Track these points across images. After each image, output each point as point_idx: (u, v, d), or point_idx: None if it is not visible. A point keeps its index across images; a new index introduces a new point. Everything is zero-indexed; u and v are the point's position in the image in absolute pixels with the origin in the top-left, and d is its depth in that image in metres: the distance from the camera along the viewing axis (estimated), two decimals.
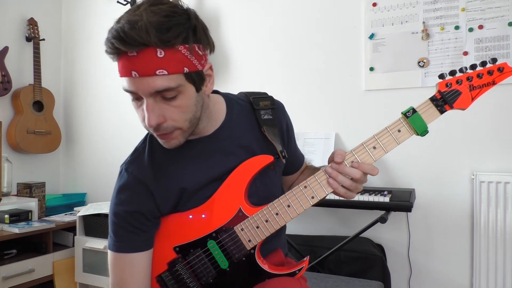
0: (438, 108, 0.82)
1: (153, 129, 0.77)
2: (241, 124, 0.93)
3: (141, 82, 0.73)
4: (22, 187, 2.57)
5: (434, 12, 1.94)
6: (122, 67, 0.74)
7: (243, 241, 0.86)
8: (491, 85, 0.81)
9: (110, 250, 0.86)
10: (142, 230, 0.85)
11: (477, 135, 1.85)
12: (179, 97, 0.76)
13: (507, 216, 1.73)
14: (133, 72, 0.72)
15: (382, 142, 0.83)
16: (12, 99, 2.66)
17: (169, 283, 0.88)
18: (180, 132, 0.80)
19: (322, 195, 0.85)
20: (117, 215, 0.86)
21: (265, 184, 0.94)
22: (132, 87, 0.74)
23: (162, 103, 0.75)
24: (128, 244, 0.85)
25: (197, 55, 0.76)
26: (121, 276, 0.85)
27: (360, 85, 2.10)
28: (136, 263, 0.85)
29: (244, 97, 0.98)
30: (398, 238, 2.00)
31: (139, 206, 0.85)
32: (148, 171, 0.87)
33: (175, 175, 0.87)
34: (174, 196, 0.87)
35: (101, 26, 2.90)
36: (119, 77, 0.77)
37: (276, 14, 2.30)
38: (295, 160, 1.08)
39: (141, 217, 0.85)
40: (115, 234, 0.86)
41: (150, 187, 0.85)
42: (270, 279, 0.86)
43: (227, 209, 0.87)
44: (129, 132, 2.70)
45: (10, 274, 2.14)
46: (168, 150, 0.86)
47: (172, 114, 0.76)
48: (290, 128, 1.03)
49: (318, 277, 1.67)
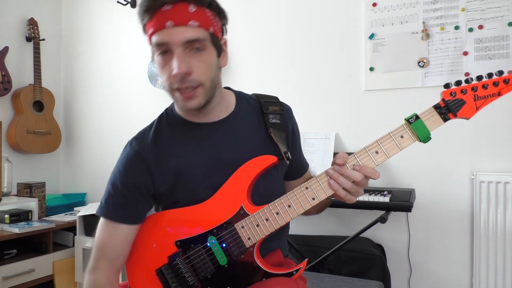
0: (442, 116, 0.82)
1: (179, 81, 0.81)
2: (248, 120, 0.97)
3: (174, 32, 0.79)
4: (22, 187, 2.57)
5: (434, 12, 1.94)
6: (157, 21, 0.80)
7: (243, 239, 0.87)
8: (496, 96, 0.81)
9: (98, 214, 0.93)
10: (133, 204, 0.91)
11: (477, 135, 1.85)
12: (205, 53, 0.83)
13: (507, 216, 1.73)
14: (168, 22, 0.79)
15: (385, 147, 0.84)
16: (12, 99, 2.66)
17: (168, 276, 0.90)
18: (202, 91, 0.84)
19: (323, 196, 0.86)
20: (113, 184, 0.92)
21: (268, 184, 0.95)
22: (166, 38, 0.80)
23: (190, 56, 0.81)
24: (115, 213, 0.91)
25: (217, 24, 0.87)
26: (103, 240, 0.92)
27: (360, 85, 2.10)
28: (119, 232, 0.91)
29: (255, 98, 1.02)
30: (398, 238, 2.00)
31: (135, 178, 0.91)
32: (149, 148, 0.92)
33: (176, 155, 0.91)
34: (171, 176, 0.91)
35: (101, 26, 2.91)
36: (149, 36, 0.83)
37: (276, 14, 2.30)
38: (299, 165, 1.07)
39: (134, 190, 0.91)
40: (106, 201, 0.92)
41: (149, 162, 0.91)
42: (267, 279, 0.87)
43: (229, 206, 0.89)
44: (129, 132, 2.69)
45: (10, 274, 2.14)
46: (173, 132, 0.93)
47: (198, 67, 0.82)
48: (296, 132, 1.05)
49: (318, 277, 1.67)
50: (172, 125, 0.96)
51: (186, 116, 0.95)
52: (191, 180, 0.91)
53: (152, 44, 0.83)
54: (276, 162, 0.91)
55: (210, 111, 0.92)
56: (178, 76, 0.81)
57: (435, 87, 1.92)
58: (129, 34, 2.78)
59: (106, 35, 2.89)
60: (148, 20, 0.82)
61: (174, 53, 0.81)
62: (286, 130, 0.99)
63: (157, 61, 0.84)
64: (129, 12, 2.76)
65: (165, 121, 0.96)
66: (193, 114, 0.93)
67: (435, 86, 1.92)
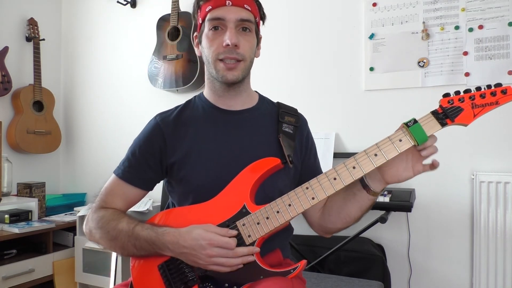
0: (439, 121, 0.84)
1: (227, 51, 0.93)
2: (264, 120, 1.05)
3: (231, 10, 0.93)
4: (22, 187, 2.57)
5: (434, 12, 1.94)
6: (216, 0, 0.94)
7: (243, 236, 0.89)
8: (494, 105, 0.84)
9: (114, 173, 1.02)
10: (145, 170, 1.00)
11: (477, 135, 1.85)
12: (250, 34, 0.97)
13: (507, 216, 1.73)
14: (228, 1, 0.93)
15: (384, 150, 0.86)
16: (12, 99, 2.66)
17: (170, 272, 0.92)
18: (243, 66, 0.97)
19: (323, 196, 0.88)
20: (132, 150, 1.02)
21: (272, 186, 0.97)
22: (223, 14, 0.93)
23: (239, 34, 0.95)
24: (129, 175, 1.00)
25: (259, 19, 1.03)
26: (112, 190, 1.02)
27: (360, 85, 2.10)
28: (126, 191, 1.01)
29: (276, 105, 1.11)
30: (398, 238, 2.00)
31: (151, 146, 1.00)
32: (170, 122, 1.01)
33: (192, 133, 1.00)
34: (183, 151, 0.99)
35: (101, 26, 2.91)
36: (205, 13, 0.96)
37: (276, 14, 2.30)
38: (314, 175, 1.06)
39: (149, 156, 1.00)
40: (123, 163, 1.02)
41: (165, 133, 1.00)
42: (263, 279, 0.88)
43: (232, 205, 0.92)
44: (129, 132, 2.70)
45: (10, 274, 2.14)
46: (197, 112, 1.03)
47: (244, 44, 0.95)
48: (310, 141, 1.10)
49: (318, 277, 1.67)
50: (197, 107, 1.05)
51: (214, 99, 1.04)
52: (197, 160, 0.97)
53: (206, 20, 0.95)
54: (280, 164, 0.95)
55: (237, 95, 1.02)
56: (229, 47, 0.92)
57: (435, 87, 1.92)
58: (129, 34, 2.78)
59: (106, 35, 2.89)
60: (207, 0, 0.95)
61: (227, 29, 0.93)
62: (296, 140, 1.04)
63: (208, 35, 0.96)
64: (129, 12, 2.76)
65: (192, 103, 1.06)
66: (224, 94, 1.02)
67: (435, 86, 1.92)
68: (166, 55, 2.44)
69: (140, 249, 0.92)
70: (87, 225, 0.99)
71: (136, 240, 0.91)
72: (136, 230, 0.92)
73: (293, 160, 1.00)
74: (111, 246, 0.96)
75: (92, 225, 0.97)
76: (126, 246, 0.93)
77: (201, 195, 0.95)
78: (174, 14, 2.43)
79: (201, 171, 0.97)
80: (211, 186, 0.95)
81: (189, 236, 0.86)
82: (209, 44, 0.96)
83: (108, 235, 0.94)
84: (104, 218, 0.96)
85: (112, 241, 0.94)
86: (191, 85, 2.35)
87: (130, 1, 2.72)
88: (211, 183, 0.95)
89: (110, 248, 0.97)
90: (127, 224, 0.93)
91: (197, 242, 0.85)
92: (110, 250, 1.02)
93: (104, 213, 0.97)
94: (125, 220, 0.94)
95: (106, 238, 0.95)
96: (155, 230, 0.90)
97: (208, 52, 0.96)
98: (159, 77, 2.46)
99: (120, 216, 0.96)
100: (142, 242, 0.91)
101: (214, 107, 1.03)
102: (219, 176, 0.95)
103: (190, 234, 0.86)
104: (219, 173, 0.96)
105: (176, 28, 2.44)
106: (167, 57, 2.43)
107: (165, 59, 2.44)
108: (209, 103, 1.04)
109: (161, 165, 1.00)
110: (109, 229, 0.94)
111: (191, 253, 0.86)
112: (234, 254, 0.85)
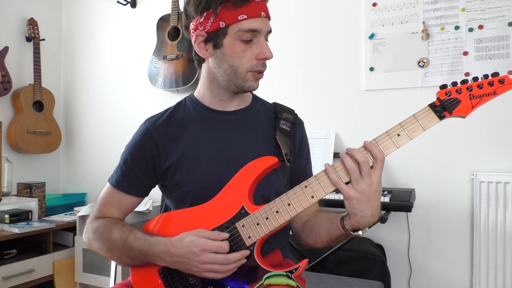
0: (437, 114, 0.83)
1: (262, 64, 0.94)
2: (259, 119, 1.03)
3: (265, 22, 0.93)
4: (22, 187, 2.57)
5: (434, 12, 1.94)
6: (253, 9, 0.91)
7: (243, 237, 0.88)
8: (492, 95, 0.82)
9: (108, 182, 1.02)
10: (138, 177, 0.99)
11: (477, 135, 1.85)
12: None
13: (507, 216, 1.73)
14: (262, 12, 0.92)
15: (382, 145, 0.84)
16: (12, 99, 2.66)
17: (170, 276, 0.91)
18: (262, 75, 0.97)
19: (322, 194, 0.87)
20: (124, 158, 1.01)
21: (269, 185, 0.96)
22: (259, 26, 0.91)
23: None
24: (122, 183, 1.00)
25: None
26: (107, 200, 1.02)
27: (360, 85, 2.10)
28: (121, 200, 1.01)
29: (272, 104, 1.09)
30: (398, 238, 2.00)
31: (143, 153, 0.99)
32: (160, 126, 0.99)
33: (185, 136, 0.98)
34: (177, 154, 0.96)
35: (101, 26, 2.91)
36: (239, 20, 0.90)
37: (276, 14, 2.30)
38: (305, 177, 1.05)
39: (141, 163, 0.99)
40: (116, 171, 1.02)
41: (156, 138, 0.98)
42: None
43: (231, 206, 0.91)
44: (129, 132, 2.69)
45: (10, 274, 2.14)
46: (188, 114, 1.01)
47: None
48: (304, 143, 1.09)
49: (318, 277, 1.67)
50: (188, 108, 1.03)
51: (210, 102, 1.01)
52: (192, 162, 0.96)
53: (237, 28, 0.90)
54: (277, 163, 0.93)
55: (237, 97, 1.01)
56: (264, 60, 0.93)
57: (435, 87, 1.89)
58: (129, 34, 2.78)
59: (106, 35, 2.89)
60: (242, 6, 0.90)
61: (259, 40, 0.92)
62: (292, 138, 1.03)
63: (238, 45, 0.92)
64: (129, 12, 2.77)
65: (183, 105, 1.04)
66: (225, 98, 1.00)
67: (435, 86, 1.92)
68: (166, 55, 2.45)
69: (135, 259, 0.92)
70: (86, 236, 1.00)
71: (129, 251, 0.91)
72: (129, 241, 0.91)
73: (290, 158, 0.98)
74: (109, 256, 0.97)
75: (89, 236, 0.98)
76: (122, 257, 0.93)
77: (198, 198, 0.94)
78: (174, 14, 2.43)
79: (198, 173, 0.95)
80: (208, 188, 0.94)
81: (181, 244, 0.85)
82: (240, 55, 0.92)
83: (104, 247, 0.95)
84: (99, 229, 0.96)
85: (108, 252, 0.95)
86: (191, 85, 2.35)
87: (130, 1, 2.72)
88: (208, 185, 0.94)
89: (109, 258, 0.98)
90: (119, 235, 0.93)
91: (189, 249, 0.84)
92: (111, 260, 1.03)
93: (99, 224, 0.98)
94: (117, 230, 0.94)
95: (102, 250, 0.96)
96: (148, 240, 0.90)
97: (237, 62, 0.92)
98: (159, 77, 2.46)
99: (112, 226, 0.96)
100: (136, 253, 0.90)
101: (207, 108, 1.01)
102: (216, 178, 0.94)
103: (181, 242, 0.85)
104: (216, 175, 0.95)
105: (176, 28, 2.44)
106: (167, 57, 2.44)
107: (165, 59, 2.44)
108: (201, 105, 1.02)
109: (154, 171, 0.99)
110: (104, 241, 0.95)
111: (184, 262, 0.85)
112: (226, 261, 0.84)
